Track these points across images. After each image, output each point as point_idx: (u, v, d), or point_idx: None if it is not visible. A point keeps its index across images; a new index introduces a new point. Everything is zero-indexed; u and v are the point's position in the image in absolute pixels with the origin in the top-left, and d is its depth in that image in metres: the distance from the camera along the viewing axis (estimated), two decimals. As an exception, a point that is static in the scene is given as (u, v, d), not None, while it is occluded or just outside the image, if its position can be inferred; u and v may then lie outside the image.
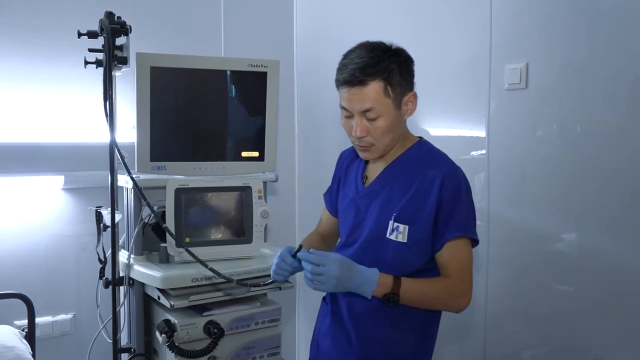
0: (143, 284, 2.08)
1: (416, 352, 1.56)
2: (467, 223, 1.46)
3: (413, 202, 1.47)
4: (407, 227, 1.46)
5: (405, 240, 1.46)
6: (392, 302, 1.41)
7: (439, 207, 1.44)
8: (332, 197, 1.75)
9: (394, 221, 1.47)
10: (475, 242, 1.49)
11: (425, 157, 1.53)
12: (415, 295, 1.44)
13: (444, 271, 1.47)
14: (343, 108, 1.49)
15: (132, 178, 1.82)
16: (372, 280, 1.39)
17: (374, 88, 1.41)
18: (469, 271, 1.47)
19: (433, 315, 1.58)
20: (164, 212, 2.05)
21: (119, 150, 1.82)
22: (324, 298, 1.75)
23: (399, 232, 1.46)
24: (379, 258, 1.49)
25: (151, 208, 1.81)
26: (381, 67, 1.41)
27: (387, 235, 1.48)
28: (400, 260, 1.47)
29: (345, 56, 1.50)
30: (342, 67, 1.47)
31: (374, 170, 1.58)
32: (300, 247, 1.49)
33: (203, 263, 1.75)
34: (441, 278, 1.47)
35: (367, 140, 1.47)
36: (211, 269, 1.74)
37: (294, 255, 1.49)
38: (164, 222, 1.91)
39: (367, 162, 1.61)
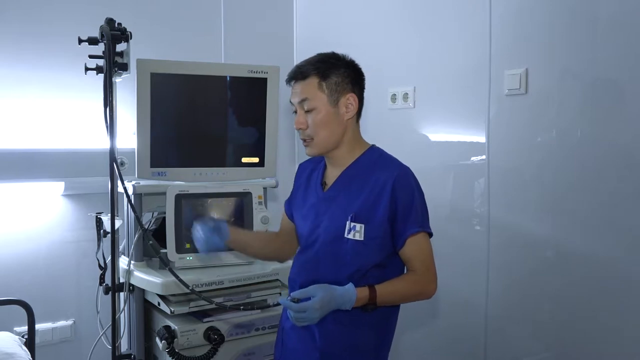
0: (143, 290, 2.08)
1: (377, 345, 1.64)
2: (423, 219, 1.58)
3: (367, 202, 1.57)
4: (363, 225, 1.56)
5: (362, 238, 1.56)
6: (371, 309, 1.53)
7: (394, 208, 1.54)
8: (290, 204, 1.82)
9: (351, 221, 1.57)
10: (430, 235, 1.61)
11: (377, 161, 1.64)
12: (390, 297, 1.56)
13: (409, 265, 1.59)
14: (290, 103, 1.64)
15: (125, 189, 1.79)
16: (351, 299, 1.49)
17: (310, 82, 1.57)
18: (431, 260, 1.59)
19: (393, 309, 1.66)
20: (164, 218, 2.06)
21: (114, 159, 1.82)
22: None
23: (355, 231, 1.56)
24: (338, 256, 1.58)
25: (140, 222, 1.80)
26: (318, 66, 1.58)
27: (345, 235, 1.57)
28: (358, 257, 1.57)
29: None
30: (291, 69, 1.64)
31: (332, 177, 1.68)
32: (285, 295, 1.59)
33: (185, 283, 1.74)
34: (409, 274, 1.58)
35: (306, 133, 1.61)
36: (204, 298, 1.76)
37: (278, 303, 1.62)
38: (150, 239, 1.92)
39: (325, 169, 1.72)
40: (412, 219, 1.55)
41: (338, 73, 1.58)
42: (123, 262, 2.11)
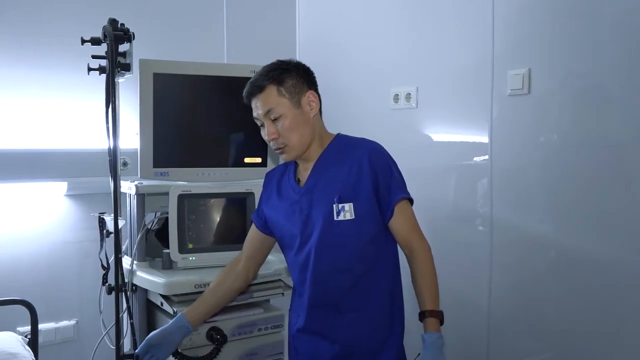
0: (146, 290, 2.08)
1: (390, 321, 1.69)
2: (403, 185, 1.65)
3: (349, 181, 1.61)
4: (351, 204, 1.60)
5: (353, 217, 1.60)
6: (442, 317, 1.60)
7: (376, 180, 1.60)
8: (259, 215, 1.83)
9: (338, 203, 1.60)
10: (412, 201, 1.66)
11: (346, 144, 1.69)
12: (435, 291, 1.61)
13: (405, 238, 1.63)
14: (255, 119, 1.67)
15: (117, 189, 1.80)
16: (437, 343, 1.57)
17: (270, 91, 1.62)
18: (419, 227, 1.65)
19: (396, 285, 1.71)
20: (167, 218, 2.06)
21: (110, 159, 1.82)
22: (290, 308, 1.82)
23: (345, 211, 1.60)
24: (334, 241, 1.61)
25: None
26: (271, 74, 1.63)
27: (335, 218, 1.61)
28: (353, 237, 1.61)
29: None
30: (245, 88, 1.69)
31: (305, 171, 1.71)
32: None
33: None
34: (416, 264, 1.61)
35: (279, 141, 1.64)
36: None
37: None
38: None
39: (296, 168, 1.75)
40: (395, 186, 1.61)
41: (291, 76, 1.64)
42: (126, 262, 2.11)
